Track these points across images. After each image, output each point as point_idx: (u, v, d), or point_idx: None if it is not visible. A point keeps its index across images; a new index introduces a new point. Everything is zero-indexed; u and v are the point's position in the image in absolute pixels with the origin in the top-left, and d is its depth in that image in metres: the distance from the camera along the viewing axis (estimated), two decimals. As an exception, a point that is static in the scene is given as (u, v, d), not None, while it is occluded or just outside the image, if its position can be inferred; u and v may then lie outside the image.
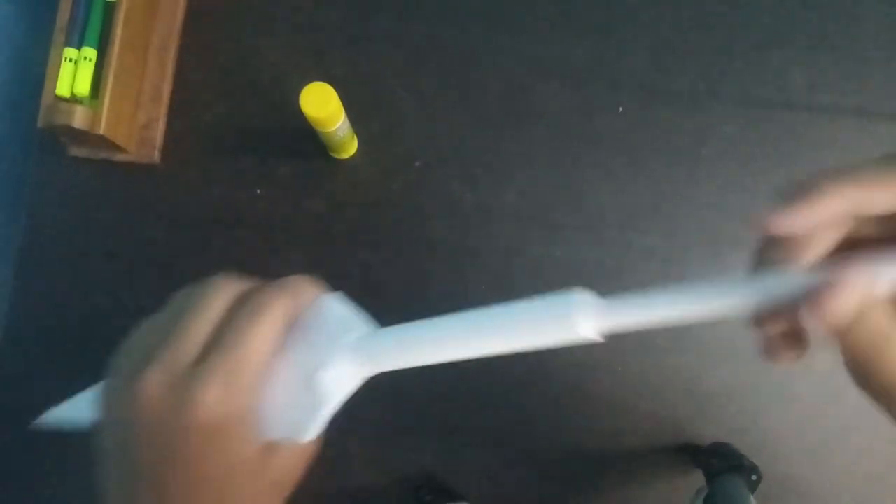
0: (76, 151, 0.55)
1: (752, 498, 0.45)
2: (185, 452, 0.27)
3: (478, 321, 0.29)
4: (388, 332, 0.30)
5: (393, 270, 0.54)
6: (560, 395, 0.52)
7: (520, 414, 0.52)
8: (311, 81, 0.45)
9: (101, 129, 0.50)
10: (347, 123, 0.50)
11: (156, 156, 0.55)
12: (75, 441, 0.54)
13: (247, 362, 0.27)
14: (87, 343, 0.54)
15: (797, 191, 0.23)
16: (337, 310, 0.31)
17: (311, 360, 0.29)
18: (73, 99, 0.51)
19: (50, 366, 0.54)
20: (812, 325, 0.23)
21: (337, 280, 0.54)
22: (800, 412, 0.52)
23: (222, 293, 0.31)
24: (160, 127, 0.55)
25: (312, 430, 0.29)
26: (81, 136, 0.51)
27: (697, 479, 0.49)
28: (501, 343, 0.29)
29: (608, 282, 0.53)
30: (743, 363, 0.52)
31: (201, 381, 0.26)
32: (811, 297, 0.22)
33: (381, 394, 0.53)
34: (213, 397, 0.26)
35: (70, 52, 0.50)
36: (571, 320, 0.26)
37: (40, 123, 0.50)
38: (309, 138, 0.52)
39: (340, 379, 0.29)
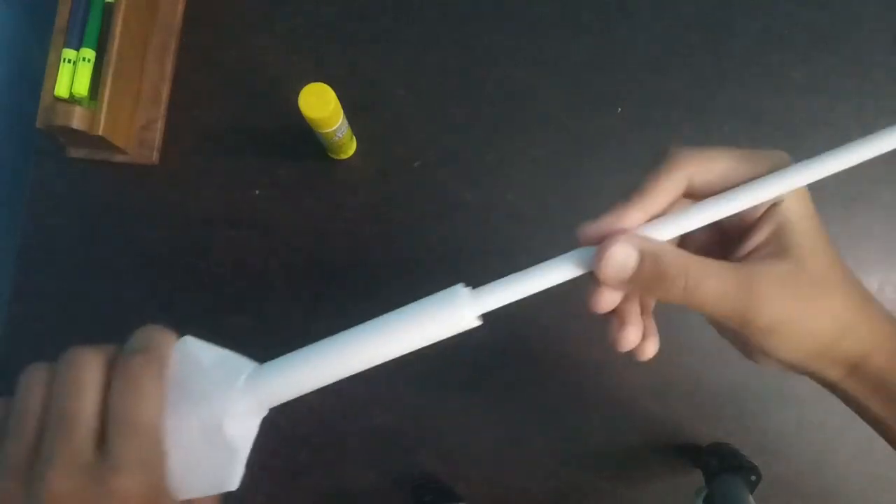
0: (75, 152, 0.55)
1: (751, 498, 0.45)
2: None
3: (365, 331, 0.30)
4: (277, 364, 0.29)
5: (392, 271, 0.54)
6: (559, 396, 0.52)
7: (519, 415, 0.52)
8: (309, 82, 0.45)
9: (100, 130, 0.50)
10: (346, 124, 0.50)
11: (154, 156, 0.55)
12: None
13: (150, 438, 0.27)
14: (87, 342, 0.54)
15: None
16: (205, 353, 0.30)
17: (209, 413, 0.28)
18: (72, 100, 0.51)
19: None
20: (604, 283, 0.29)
21: (336, 280, 0.55)
22: (799, 412, 0.52)
23: (89, 371, 0.29)
24: (159, 128, 0.55)
25: (235, 478, 0.28)
26: (80, 137, 0.51)
27: (697, 479, 0.49)
28: (388, 347, 0.29)
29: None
30: (742, 363, 0.52)
31: (117, 471, 0.26)
32: (594, 263, 0.28)
33: (380, 395, 0.53)
34: (134, 482, 0.26)
35: (69, 52, 0.50)
36: (456, 309, 0.29)
37: (39, 124, 0.50)
38: (308, 139, 0.52)
39: (246, 423, 0.29)
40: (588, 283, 0.30)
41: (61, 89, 0.50)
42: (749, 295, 0.27)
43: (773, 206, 0.29)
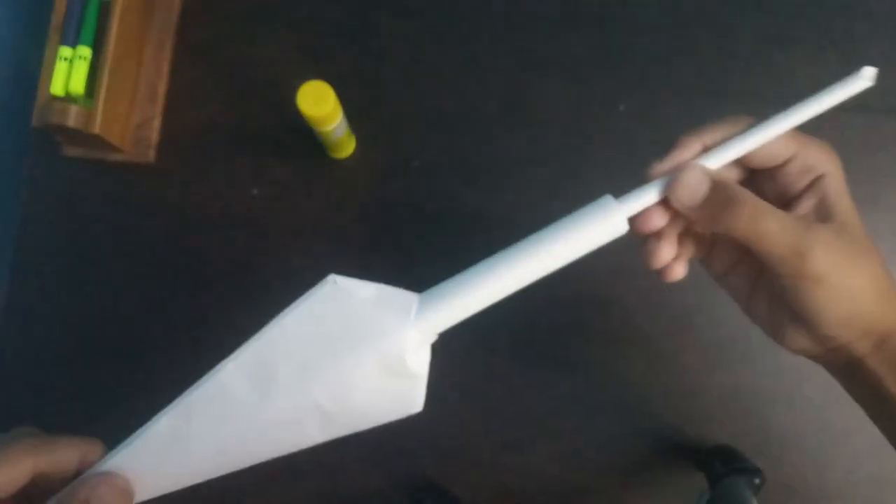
0: (71, 151, 0.54)
1: (755, 501, 0.44)
2: None
3: (525, 247, 0.32)
4: (441, 291, 0.31)
5: (391, 271, 0.53)
6: (562, 399, 0.52)
7: (519, 417, 0.52)
8: (308, 80, 0.44)
9: (96, 129, 0.49)
10: (345, 122, 0.49)
11: (151, 155, 0.54)
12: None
13: None
14: (83, 343, 0.54)
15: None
16: (362, 290, 0.31)
17: (388, 348, 0.29)
18: (68, 98, 0.50)
19: (46, 366, 0.54)
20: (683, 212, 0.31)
21: (335, 281, 0.54)
22: (803, 415, 0.51)
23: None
24: (156, 126, 0.55)
25: (420, 401, 0.30)
26: (76, 136, 0.50)
27: (700, 481, 0.48)
28: (552, 257, 0.31)
29: (610, 279, 0.52)
30: (746, 366, 0.52)
31: None
32: (668, 188, 0.32)
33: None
34: None
35: (65, 50, 0.50)
36: (609, 215, 0.31)
37: (35, 123, 0.49)
38: (306, 138, 0.51)
39: (422, 350, 0.30)
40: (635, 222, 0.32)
41: (57, 87, 0.50)
42: (805, 239, 0.29)
43: (816, 180, 0.32)
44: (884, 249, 0.52)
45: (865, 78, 0.34)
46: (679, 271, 0.35)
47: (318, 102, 0.44)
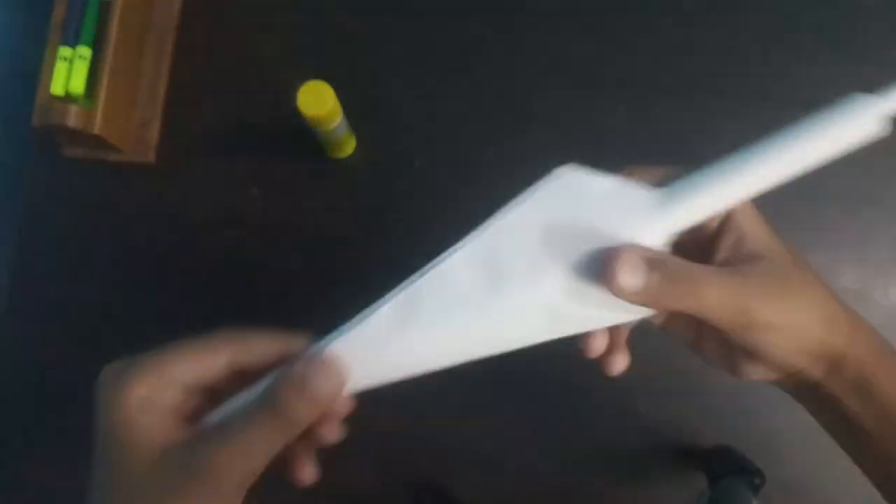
0: (71, 151, 0.54)
1: (755, 501, 0.44)
2: None
3: (775, 145, 0.29)
4: (681, 188, 0.29)
5: (392, 271, 0.53)
6: (562, 399, 0.51)
7: (520, 418, 0.52)
8: (308, 80, 0.44)
9: (96, 129, 0.49)
10: (345, 122, 0.49)
11: (151, 155, 0.54)
12: (68, 430, 0.53)
13: None
14: (84, 342, 0.54)
15: None
16: (596, 182, 0.29)
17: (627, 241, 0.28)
18: (68, 98, 0.50)
19: (46, 366, 0.54)
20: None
21: (335, 281, 0.54)
22: (803, 415, 0.51)
23: None
24: (156, 126, 0.55)
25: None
26: (76, 136, 0.50)
27: (700, 481, 0.48)
28: (801, 159, 0.28)
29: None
30: (745, 365, 0.52)
31: None
32: (605, 279, 0.28)
33: (382, 399, 0.52)
34: None
35: (65, 50, 0.50)
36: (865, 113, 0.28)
37: (35, 123, 0.49)
38: (306, 137, 0.51)
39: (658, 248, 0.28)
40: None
41: (57, 88, 0.50)
42: (743, 297, 0.28)
43: (726, 219, 0.31)
44: (884, 249, 0.52)
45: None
46: (619, 364, 0.34)
47: (318, 102, 0.44)
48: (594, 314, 0.30)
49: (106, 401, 0.28)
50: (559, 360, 0.51)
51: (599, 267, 0.28)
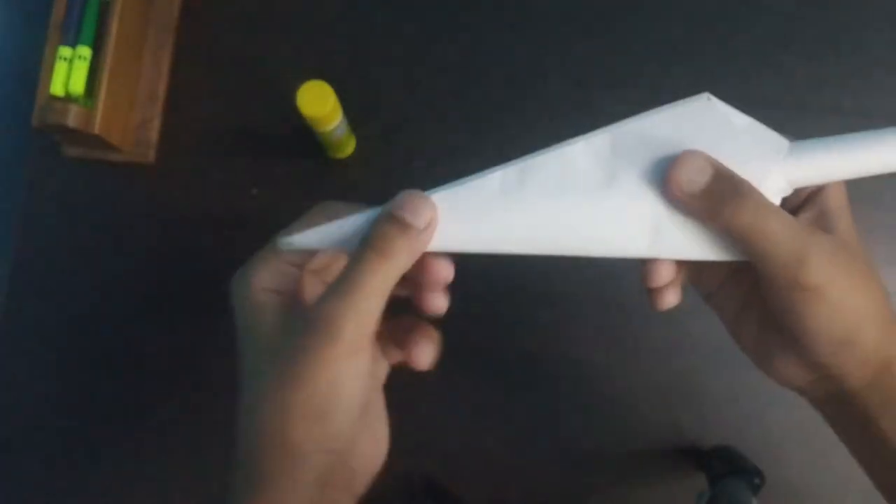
0: (71, 151, 0.54)
1: (754, 501, 0.44)
2: None
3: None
4: (813, 146, 0.30)
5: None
6: (561, 399, 0.52)
7: (519, 417, 0.52)
8: (308, 80, 0.44)
9: (96, 129, 0.49)
10: (345, 122, 0.49)
11: (151, 155, 0.54)
12: (67, 441, 0.53)
13: None
14: (84, 342, 0.54)
15: None
16: (737, 118, 0.30)
17: (752, 175, 0.29)
18: (68, 98, 0.50)
19: (47, 366, 0.54)
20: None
21: (335, 281, 0.54)
22: (803, 415, 0.51)
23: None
24: (155, 126, 0.55)
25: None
26: (76, 136, 0.50)
27: (699, 482, 0.48)
28: None
29: (611, 278, 0.52)
30: (746, 365, 0.52)
31: None
32: (668, 173, 0.29)
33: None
34: None
35: (64, 50, 0.50)
36: None
37: (34, 123, 0.49)
38: (306, 138, 0.51)
39: (777, 199, 0.29)
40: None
41: (57, 87, 0.50)
42: (808, 245, 0.27)
43: (817, 191, 0.30)
44: (884, 250, 0.52)
45: None
46: (671, 298, 0.33)
47: (318, 102, 0.44)
48: (691, 245, 0.30)
49: (237, 295, 0.32)
50: (559, 360, 0.52)
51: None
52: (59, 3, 0.51)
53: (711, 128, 0.30)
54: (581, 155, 0.30)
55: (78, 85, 0.50)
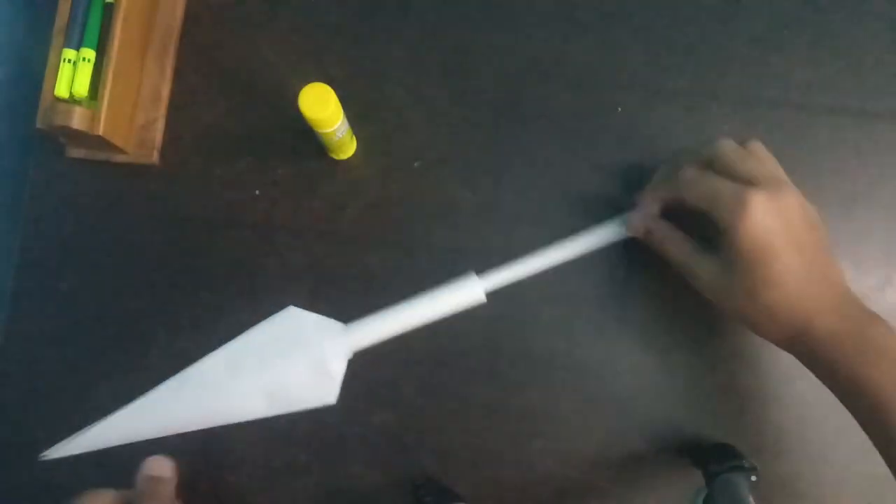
0: (75, 152, 0.55)
1: (751, 498, 0.45)
2: None
3: (415, 302, 0.46)
4: (360, 322, 0.46)
5: (393, 271, 0.54)
6: (560, 396, 0.52)
7: (519, 415, 0.52)
8: (310, 82, 0.45)
9: (100, 130, 0.50)
10: (346, 124, 0.50)
11: (155, 157, 0.55)
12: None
13: None
14: (88, 343, 0.54)
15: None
16: (306, 317, 0.45)
17: (316, 354, 0.44)
18: (72, 100, 0.51)
19: (51, 366, 0.54)
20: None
21: (336, 281, 0.55)
22: (800, 412, 0.52)
23: None
24: (159, 128, 0.55)
25: (335, 396, 0.44)
26: (80, 137, 0.51)
27: (696, 479, 0.49)
28: (426, 313, 0.46)
29: (612, 279, 0.52)
30: (742, 363, 0.52)
31: None
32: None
33: (380, 395, 0.53)
34: None
35: (69, 52, 0.50)
36: (473, 287, 0.46)
37: (39, 124, 0.50)
38: (308, 139, 0.52)
39: (340, 361, 0.45)
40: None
41: (61, 89, 0.50)
42: (722, 287, 0.43)
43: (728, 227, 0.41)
44: (879, 247, 0.53)
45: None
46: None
47: (320, 104, 0.45)
48: (297, 400, 0.45)
49: None
50: (559, 360, 0.52)
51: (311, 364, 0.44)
52: (64, 6, 0.51)
53: (292, 327, 0.45)
54: (214, 364, 0.45)
55: (82, 87, 0.50)
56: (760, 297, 0.41)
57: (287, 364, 0.44)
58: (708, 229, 0.43)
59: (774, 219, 0.40)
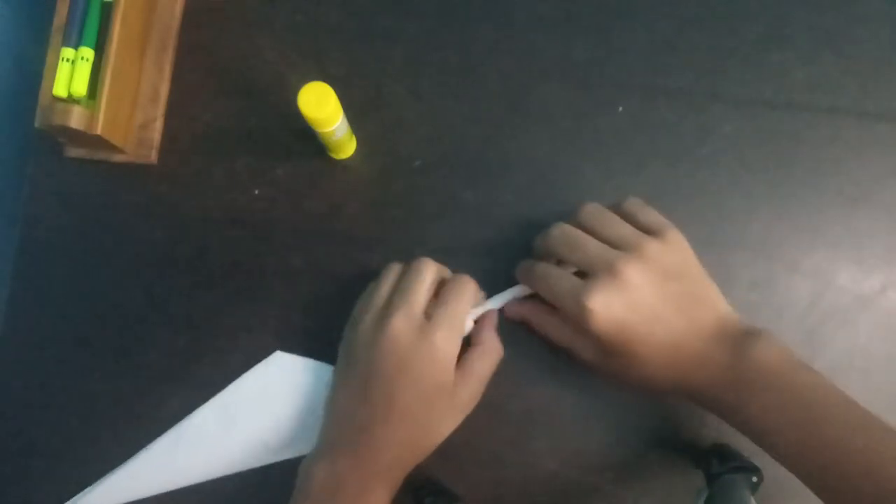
0: (73, 152, 0.54)
1: (753, 499, 0.45)
2: (415, 368, 0.43)
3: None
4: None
5: (392, 271, 0.53)
6: (560, 396, 0.52)
7: (518, 415, 0.52)
8: (309, 81, 0.44)
9: (99, 130, 0.50)
10: (346, 123, 0.50)
11: (153, 156, 0.55)
12: (63, 450, 0.53)
13: (458, 319, 0.44)
14: (85, 343, 0.54)
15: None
16: (296, 364, 0.49)
17: (306, 402, 0.48)
18: (71, 99, 0.50)
19: (48, 367, 0.54)
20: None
21: (336, 281, 0.54)
22: (800, 413, 0.51)
23: (431, 272, 0.46)
24: (158, 127, 0.55)
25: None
26: (79, 137, 0.51)
27: (698, 480, 0.49)
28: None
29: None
30: (743, 364, 0.52)
31: (436, 327, 0.43)
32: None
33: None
34: (441, 338, 0.43)
35: (67, 52, 0.50)
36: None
37: (37, 124, 0.50)
38: (308, 139, 0.52)
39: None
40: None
41: (60, 89, 0.50)
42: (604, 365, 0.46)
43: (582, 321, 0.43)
44: (879, 247, 0.53)
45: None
46: None
47: (319, 104, 0.45)
48: (290, 447, 0.47)
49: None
50: (559, 360, 0.52)
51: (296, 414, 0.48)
52: (62, 5, 0.51)
53: (281, 373, 0.48)
54: (206, 417, 0.48)
55: (80, 86, 0.50)
56: (633, 373, 0.44)
57: (280, 411, 0.46)
58: None
59: (619, 306, 0.41)
